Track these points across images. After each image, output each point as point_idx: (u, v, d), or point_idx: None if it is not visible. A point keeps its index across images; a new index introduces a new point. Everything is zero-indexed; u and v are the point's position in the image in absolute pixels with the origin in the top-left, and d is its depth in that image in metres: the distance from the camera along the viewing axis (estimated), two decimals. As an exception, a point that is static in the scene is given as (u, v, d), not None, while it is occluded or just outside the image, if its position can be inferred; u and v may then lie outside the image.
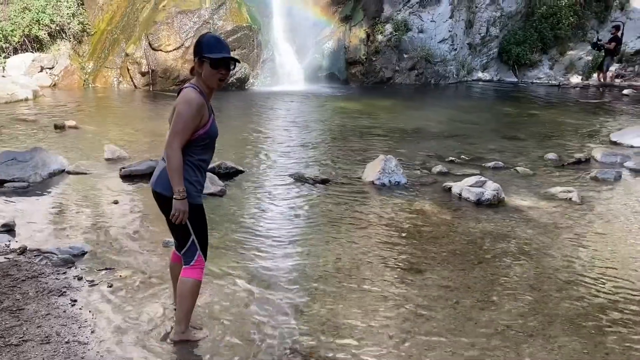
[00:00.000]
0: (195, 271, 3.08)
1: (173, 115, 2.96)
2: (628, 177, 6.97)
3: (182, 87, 3.03)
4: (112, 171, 6.57)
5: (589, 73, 18.02)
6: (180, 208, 2.89)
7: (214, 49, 2.94)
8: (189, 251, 3.07)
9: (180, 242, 3.10)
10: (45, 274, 3.89)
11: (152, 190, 3.09)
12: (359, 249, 4.59)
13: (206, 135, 2.99)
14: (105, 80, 14.24)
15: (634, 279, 4.19)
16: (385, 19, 17.08)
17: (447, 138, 9.27)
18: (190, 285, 3.07)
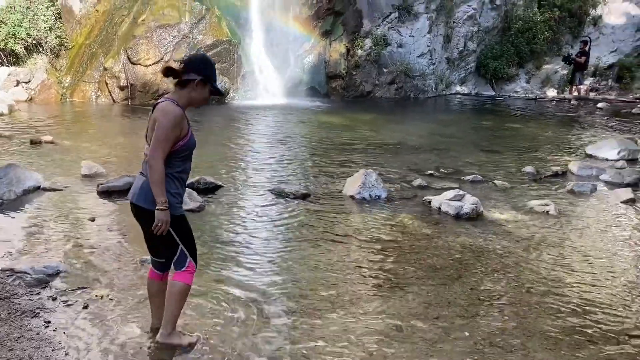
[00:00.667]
0: (186, 275, 3.12)
1: (151, 130, 2.99)
2: (604, 190, 7.09)
3: (159, 101, 3.06)
4: (89, 187, 6.47)
5: (565, 87, 18.41)
6: (163, 218, 2.93)
7: (214, 76, 3.07)
8: (180, 259, 3.12)
9: (168, 254, 3.14)
10: (18, 294, 3.80)
11: (131, 204, 3.10)
12: (338, 265, 4.57)
13: (186, 147, 3.03)
14: (83, 95, 14.08)
15: (611, 292, 4.24)
16: (365, 33, 17.25)
17: (426, 151, 9.35)
18: (179, 288, 3.10)
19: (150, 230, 3.01)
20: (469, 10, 18.77)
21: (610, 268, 4.70)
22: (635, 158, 8.77)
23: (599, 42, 19.39)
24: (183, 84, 3.01)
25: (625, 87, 17.93)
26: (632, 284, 4.38)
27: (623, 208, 6.35)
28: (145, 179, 2.99)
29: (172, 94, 3.05)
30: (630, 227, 5.80)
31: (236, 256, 4.69)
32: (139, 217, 3.11)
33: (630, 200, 6.47)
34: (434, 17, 18.06)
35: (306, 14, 16.28)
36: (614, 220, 5.98)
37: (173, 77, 3.03)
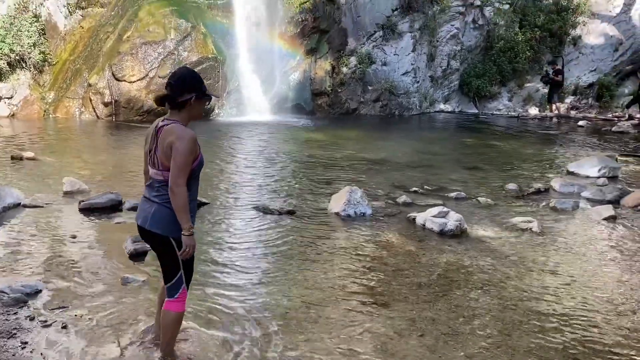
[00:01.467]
0: (178, 304, 3.15)
1: (162, 153, 2.95)
2: (585, 207, 7.16)
3: (163, 124, 3.01)
4: (71, 204, 6.38)
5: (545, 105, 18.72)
6: (190, 243, 3.01)
7: (204, 87, 3.05)
8: (175, 285, 3.12)
9: (167, 277, 3.13)
10: (-5, 314, 3.71)
11: (141, 228, 3.11)
12: (324, 282, 4.55)
13: (198, 167, 3.06)
14: (67, 111, 13.97)
15: (594, 309, 4.26)
16: (350, 52, 17.42)
17: (411, 168, 9.40)
18: (173, 317, 3.16)
19: (158, 254, 3.13)
20: (452, 30, 19.07)
21: (593, 285, 4.73)
22: (615, 175, 8.90)
23: (579, 62, 19.81)
24: (181, 106, 3.00)
25: (604, 106, 18.27)
26: (615, 301, 4.41)
27: (604, 225, 6.42)
28: (157, 206, 3.02)
29: (173, 116, 3.02)
30: (612, 244, 5.86)
31: (220, 274, 4.64)
32: (151, 241, 3.14)
33: (611, 218, 6.54)
34: (418, 36, 18.31)
35: (292, 31, 16.40)
36: (596, 237, 6.04)
37: (168, 103, 3.02)
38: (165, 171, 2.97)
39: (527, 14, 19.59)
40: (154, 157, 3.02)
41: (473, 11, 19.40)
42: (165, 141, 2.92)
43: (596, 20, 19.87)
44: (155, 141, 3.00)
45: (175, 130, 2.93)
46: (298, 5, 16.26)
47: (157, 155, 2.99)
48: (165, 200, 3.00)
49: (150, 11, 14.05)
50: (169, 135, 2.92)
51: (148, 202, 3.09)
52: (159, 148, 2.97)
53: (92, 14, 15.38)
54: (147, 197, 3.10)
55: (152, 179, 3.06)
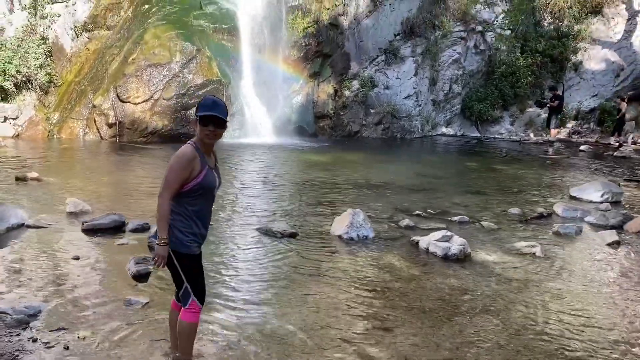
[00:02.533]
0: (191, 315, 3.26)
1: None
2: (589, 232, 7.15)
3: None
4: (74, 225, 6.39)
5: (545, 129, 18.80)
6: (160, 253, 3.12)
7: (205, 109, 3.15)
8: (184, 295, 3.26)
9: (176, 286, 3.30)
10: (-3, 336, 3.69)
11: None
12: (326, 306, 4.52)
13: (198, 187, 3.16)
14: (71, 131, 14.07)
15: (598, 334, 4.23)
16: (352, 75, 17.60)
17: (413, 191, 9.41)
18: (186, 327, 3.28)
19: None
20: (454, 55, 19.29)
21: (598, 311, 4.70)
22: (618, 200, 8.90)
23: (580, 87, 19.96)
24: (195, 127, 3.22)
25: (606, 131, 18.35)
26: (620, 327, 4.38)
27: (608, 251, 6.39)
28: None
29: (195, 137, 3.24)
30: (616, 270, 5.84)
31: (222, 297, 4.61)
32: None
33: (615, 243, 6.52)
34: (420, 61, 18.52)
35: (295, 55, 16.60)
36: (600, 263, 6.02)
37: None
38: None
39: (528, 40, 19.82)
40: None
41: (475, 36, 19.64)
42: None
43: (597, 46, 20.07)
44: None
45: (180, 149, 3.16)
46: (302, 30, 16.48)
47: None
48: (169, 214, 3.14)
49: (156, 34, 14.25)
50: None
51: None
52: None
53: (98, 37, 15.61)
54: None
55: None
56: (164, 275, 4.98)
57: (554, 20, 20.31)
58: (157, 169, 10.60)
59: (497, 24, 19.44)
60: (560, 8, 20.02)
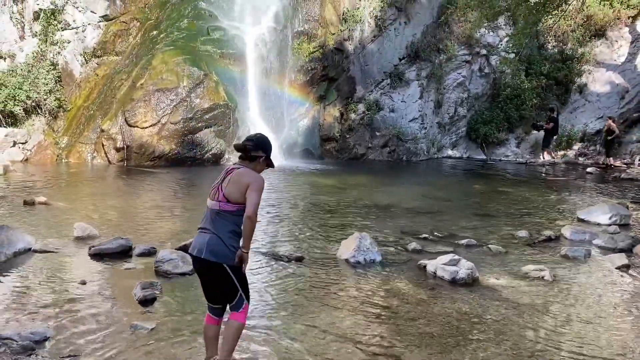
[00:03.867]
0: (242, 315, 3.55)
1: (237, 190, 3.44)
2: (597, 255, 7.09)
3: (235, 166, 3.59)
4: (82, 250, 6.40)
5: (554, 151, 18.79)
6: (247, 260, 3.53)
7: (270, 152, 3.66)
8: (237, 304, 3.54)
9: (228, 299, 3.55)
10: (3, 362, 3.67)
11: (198, 259, 3.48)
12: (333, 332, 4.48)
13: None
14: (79, 156, 14.20)
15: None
16: (358, 99, 17.74)
17: (420, 214, 9.38)
18: (235, 327, 3.52)
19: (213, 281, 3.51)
20: (459, 78, 19.42)
21: (609, 337, 4.63)
22: (627, 223, 8.83)
23: (585, 109, 20.00)
24: (252, 159, 3.59)
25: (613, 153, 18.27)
26: (631, 353, 4.31)
27: (618, 274, 6.32)
28: (212, 236, 3.44)
29: (243, 163, 3.59)
30: (627, 294, 5.77)
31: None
32: (206, 269, 3.50)
33: (624, 267, 6.45)
34: (425, 84, 18.65)
35: (301, 79, 16.77)
36: (610, 287, 5.94)
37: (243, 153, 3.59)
38: (226, 203, 3.46)
39: (532, 63, 19.94)
40: (218, 192, 3.51)
41: (479, 60, 19.79)
42: (243, 180, 3.46)
43: (601, 69, 20.16)
44: (222, 178, 3.55)
45: (251, 173, 3.53)
46: (307, 55, 16.67)
47: (223, 189, 3.48)
48: (223, 232, 3.45)
49: (164, 59, 14.45)
50: (246, 176, 3.49)
51: (203, 233, 3.51)
52: (231, 185, 3.47)
53: (107, 62, 15.86)
54: (201, 229, 3.55)
55: (210, 209, 3.53)
56: (170, 300, 4.97)
57: (558, 43, 20.46)
58: (164, 193, 10.65)
59: (502, 47, 19.58)
60: (564, 31, 20.18)
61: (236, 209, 3.47)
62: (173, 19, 15.82)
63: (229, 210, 3.47)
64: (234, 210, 3.47)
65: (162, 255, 5.88)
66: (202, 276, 3.58)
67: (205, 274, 3.55)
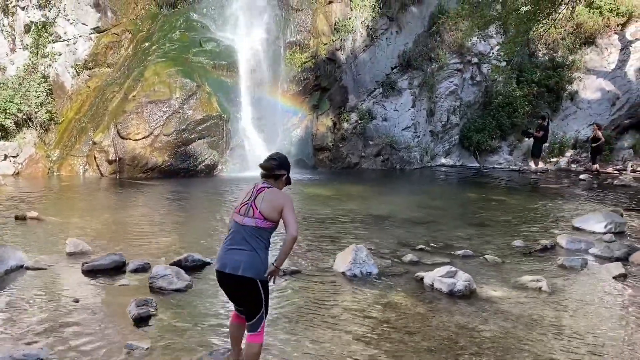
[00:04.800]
0: (259, 337, 3.70)
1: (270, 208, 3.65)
2: (594, 264, 7.08)
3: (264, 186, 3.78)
4: (74, 266, 6.31)
5: (547, 159, 18.87)
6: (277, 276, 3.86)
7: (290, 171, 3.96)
8: (257, 322, 3.66)
9: (251, 315, 3.67)
10: (-5, 386, 3.59)
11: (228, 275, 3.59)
12: (331, 347, 4.42)
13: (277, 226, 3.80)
14: (71, 169, 14.08)
15: (611, 373, 4.13)
16: (351, 108, 17.74)
17: (415, 225, 9.35)
18: (256, 349, 3.69)
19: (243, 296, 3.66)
20: (451, 86, 19.48)
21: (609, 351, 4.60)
22: (622, 231, 8.84)
23: (577, 116, 20.11)
24: (276, 177, 3.85)
25: (605, 159, 18.38)
26: (632, 366, 4.29)
27: (615, 284, 6.31)
28: (249, 252, 3.59)
29: (269, 182, 3.83)
30: (624, 304, 5.75)
31: (222, 338, 4.51)
32: (239, 286, 3.62)
33: (621, 276, 6.45)
34: (417, 93, 18.70)
35: (294, 89, 16.76)
36: (608, 297, 5.93)
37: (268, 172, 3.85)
38: (261, 220, 3.64)
39: (524, 70, 20.04)
40: (252, 209, 3.66)
41: (471, 68, 19.87)
42: (276, 202, 3.67)
43: (592, 76, 20.30)
44: (253, 196, 3.71)
45: (282, 193, 3.78)
46: (300, 65, 16.69)
47: (257, 207, 3.65)
48: (260, 249, 3.64)
49: (156, 71, 14.40)
50: (278, 196, 3.72)
51: (237, 251, 3.61)
52: (265, 203, 3.65)
53: (98, 74, 15.77)
54: (233, 245, 3.65)
55: (243, 226, 3.65)
56: (165, 318, 4.90)
57: (549, 51, 20.59)
58: (157, 206, 10.56)
59: (493, 55, 19.68)
60: (554, 39, 20.32)
61: (270, 227, 3.69)
62: (165, 31, 15.80)
63: (264, 228, 3.67)
64: (268, 227, 3.69)
65: (156, 271, 5.81)
66: (231, 292, 3.72)
67: (234, 290, 3.69)
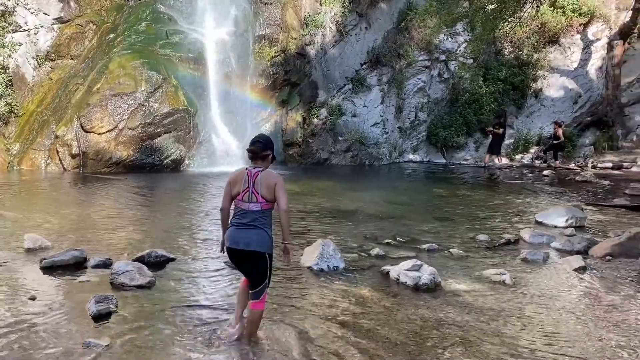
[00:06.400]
0: (262, 304, 4.25)
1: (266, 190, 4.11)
2: (555, 257, 7.23)
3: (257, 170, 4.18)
4: (32, 263, 6.11)
5: (511, 155, 19.24)
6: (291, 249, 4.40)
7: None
8: (260, 290, 4.19)
9: (256, 284, 4.18)
10: (-57, 387, 3.44)
11: (240, 251, 4.11)
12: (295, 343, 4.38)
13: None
14: (32, 163, 13.67)
15: (570, 364, 4.22)
16: (320, 103, 17.74)
17: (382, 219, 9.40)
18: (258, 315, 4.28)
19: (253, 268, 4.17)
20: (419, 83, 19.67)
21: (568, 339, 4.70)
22: (582, 225, 9.06)
23: (541, 113, 20.57)
24: (263, 157, 4.24)
25: (567, 156, 18.86)
26: (591, 356, 4.38)
27: (575, 276, 6.46)
28: (258, 230, 4.11)
29: (258, 164, 4.23)
30: (584, 296, 5.89)
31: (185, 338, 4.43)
32: (250, 259, 4.13)
33: (581, 268, 6.60)
34: (386, 89, 18.82)
35: (263, 84, 16.65)
36: (569, 289, 6.06)
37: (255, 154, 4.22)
38: (265, 203, 4.12)
39: (490, 68, 20.38)
40: (253, 195, 4.12)
41: (438, 65, 20.09)
42: (270, 182, 4.12)
43: (555, 74, 20.80)
44: (250, 182, 4.12)
45: (274, 174, 4.20)
46: (269, 59, 16.58)
47: (257, 191, 4.11)
48: (264, 225, 4.14)
49: (121, 63, 14.09)
50: (271, 178, 4.15)
51: (246, 228, 4.10)
52: (262, 187, 4.11)
53: (61, 66, 15.35)
54: (243, 225, 4.11)
55: (250, 211, 4.12)
56: (126, 314, 4.79)
57: (514, 49, 20.98)
58: (121, 201, 10.33)
59: (460, 53, 19.95)
60: (520, 38, 20.71)
61: (270, 207, 4.17)
62: (131, 22, 15.47)
63: (268, 209, 4.17)
64: (270, 207, 4.17)
65: (118, 267, 5.67)
66: (242, 265, 4.24)
67: (245, 263, 4.19)
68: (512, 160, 19.08)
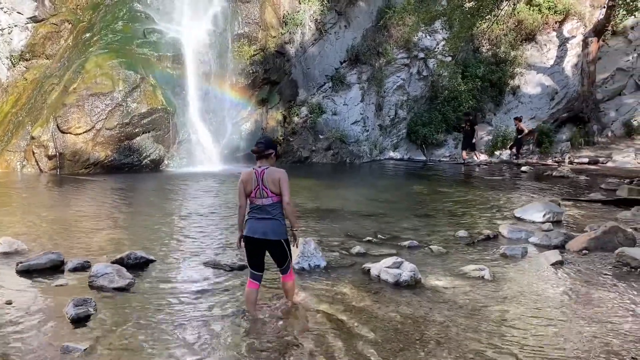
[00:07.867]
0: (291, 276, 5.06)
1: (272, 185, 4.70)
2: (533, 252, 7.34)
3: (263, 168, 4.76)
4: (8, 267, 6.01)
5: (491, 151, 19.46)
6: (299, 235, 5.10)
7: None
8: (287, 266, 4.95)
9: (281, 263, 4.93)
10: None
11: (259, 240, 4.73)
12: (276, 341, 4.39)
13: None
14: (7, 165, 13.43)
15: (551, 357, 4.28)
16: (301, 102, 17.73)
17: (363, 217, 9.43)
18: (290, 284, 5.08)
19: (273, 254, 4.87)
20: (398, 81, 19.77)
21: (546, 333, 4.77)
22: (559, 220, 9.21)
23: (518, 110, 20.84)
24: (266, 156, 4.81)
25: (544, 151, 19.14)
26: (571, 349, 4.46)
27: (552, 271, 6.56)
28: (274, 221, 4.75)
29: (263, 163, 4.80)
30: (562, 290, 5.98)
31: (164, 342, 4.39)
32: (268, 246, 4.79)
33: (558, 263, 6.70)
34: (366, 87, 18.88)
35: (243, 83, 16.58)
36: (546, 284, 6.15)
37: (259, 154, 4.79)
38: (275, 196, 4.73)
39: (468, 66, 20.58)
40: (263, 191, 4.72)
41: (417, 63, 20.22)
42: (274, 177, 4.70)
43: (532, 71, 21.09)
44: (259, 180, 4.71)
45: (277, 170, 4.76)
46: (248, 58, 16.51)
47: (267, 188, 4.71)
48: (279, 216, 4.77)
49: (98, 63, 13.91)
50: (275, 174, 4.72)
51: (263, 220, 4.74)
52: (268, 183, 4.70)
53: (36, 66, 15.10)
54: (260, 218, 4.74)
55: (263, 205, 4.73)
56: (105, 317, 4.73)
57: (492, 46, 21.22)
58: (99, 202, 10.20)
59: (439, 50, 20.11)
60: (497, 35, 20.95)
61: (280, 199, 4.74)
62: (107, 21, 15.28)
63: (278, 201, 4.74)
64: (279, 199, 4.74)
65: (96, 270, 5.60)
66: (256, 252, 4.79)
67: (261, 250, 4.78)
68: (491, 156, 19.30)
